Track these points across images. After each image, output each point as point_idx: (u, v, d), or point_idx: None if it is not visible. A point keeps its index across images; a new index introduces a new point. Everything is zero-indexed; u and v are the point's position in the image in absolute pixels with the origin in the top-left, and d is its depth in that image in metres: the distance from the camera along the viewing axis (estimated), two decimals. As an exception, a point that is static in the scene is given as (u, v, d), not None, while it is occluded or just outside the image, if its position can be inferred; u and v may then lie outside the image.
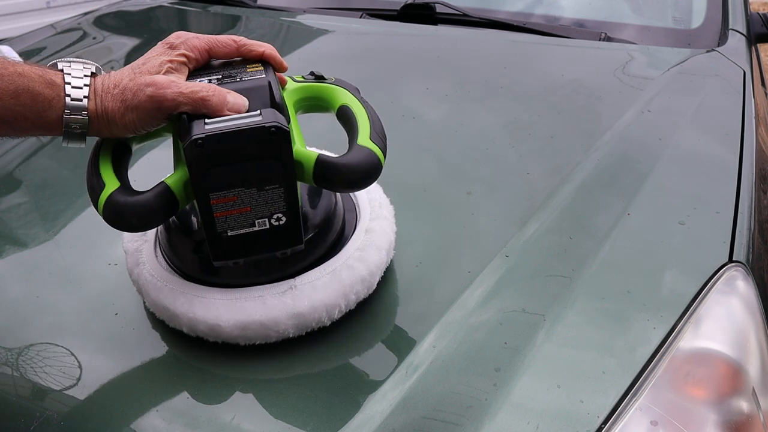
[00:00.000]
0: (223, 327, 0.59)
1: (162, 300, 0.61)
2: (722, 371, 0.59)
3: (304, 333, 0.61)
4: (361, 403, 0.56)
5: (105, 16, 1.69)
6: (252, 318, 0.59)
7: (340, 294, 0.61)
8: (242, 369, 0.60)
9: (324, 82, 0.65)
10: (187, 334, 0.61)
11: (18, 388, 0.60)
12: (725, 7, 1.44)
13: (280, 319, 0.59)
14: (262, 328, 0.59)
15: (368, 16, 1.49)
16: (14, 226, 0.83)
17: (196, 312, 0.59)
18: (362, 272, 0.63)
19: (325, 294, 0.60)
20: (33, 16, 3.76)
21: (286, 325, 0.59)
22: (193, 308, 0.59)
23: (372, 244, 0.65)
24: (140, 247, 0.67)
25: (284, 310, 0.59)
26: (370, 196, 0.72)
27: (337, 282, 0.61)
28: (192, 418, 0.56)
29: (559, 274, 0.67)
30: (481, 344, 0.59)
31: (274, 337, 0.60)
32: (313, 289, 0.60)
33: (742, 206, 0.77)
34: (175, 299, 0.61)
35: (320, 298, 0.60)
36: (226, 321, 0.59)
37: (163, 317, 0.63)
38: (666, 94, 1.06)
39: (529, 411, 0.53)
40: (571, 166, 0.86)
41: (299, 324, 0.60)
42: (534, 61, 1.25)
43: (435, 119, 1.03)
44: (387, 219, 0.69)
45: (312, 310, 0.60)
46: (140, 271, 0.64)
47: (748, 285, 0.66)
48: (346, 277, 0.62)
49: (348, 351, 0.62)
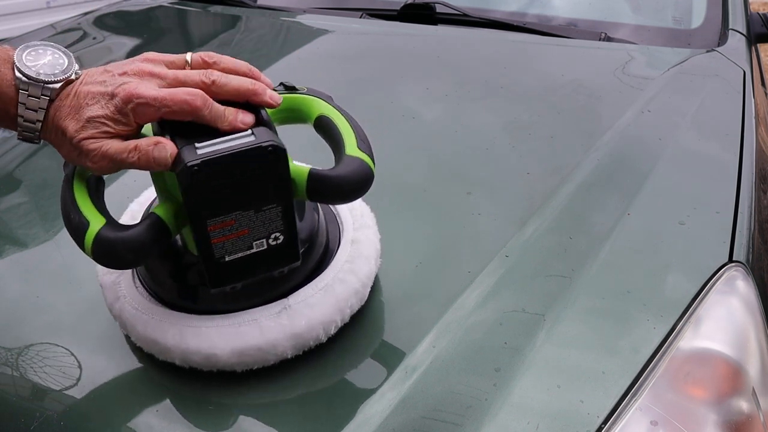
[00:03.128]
0: (219, 356, 0.56)
1: (150, 333, 0.58)
2: (722, 371, 0.59)
3: (302, 352, 0.59)
4: (360, 404, 0.56)
5: (105, 16, 1.69)
6: (249, 343, 0.56)
7: (336, 309, 0.60)
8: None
9: (296, 92, 0.62)
10: (180, 366, 0.59)
11: (18, 388, 0.60)
12: (725, 7, 1.44)
13: (278, 341, 0.57)
14: (260, 353, 0.57)
15: (368, 16, 1.49)
16: (14, 226, 0.83)
17: (189, 343, 0.57)
18: (355, 284, 0.61)
19: (320, 311, 0.59)
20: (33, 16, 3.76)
21: (284, 347, 0.58)
22: (185, 339, 0.57)
23: (360, 254, 0.64)
24: (117, 280, 0.63)
25: (281, 331, 0.57)
26: (350, 206, 0.70)
27: (331, 297, 0.60)
28: (192, 417, 0.56)
29: (559, 274, 0.67)
30: (481, 344, 0.59)
31: (273, 360, 0.58)
32: (309, 307, 0.59)
33: (742, 206, 0.77)
34: (165, 331, 0.57)
35: (316, 315, 0.58)
36: (222, 349, 0.56)
37: (153, 351, 0.59)
38: (666, 94, 1.06)
39: (529, 411, 0.53)
40: (571, 166, 0.86)
41: (297, 344, 0.58)
42: (534, 61, 1.25)
43: (435, 119, 1.03)
44: (371, 227, 0.68)
45: (309, 329, 0.58)
46: (122, 305, 0.61)
47: (748, 285, 0.66)
48: (340, 292, 0.60)
49: (347, 351, 0.62)
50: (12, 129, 0.53)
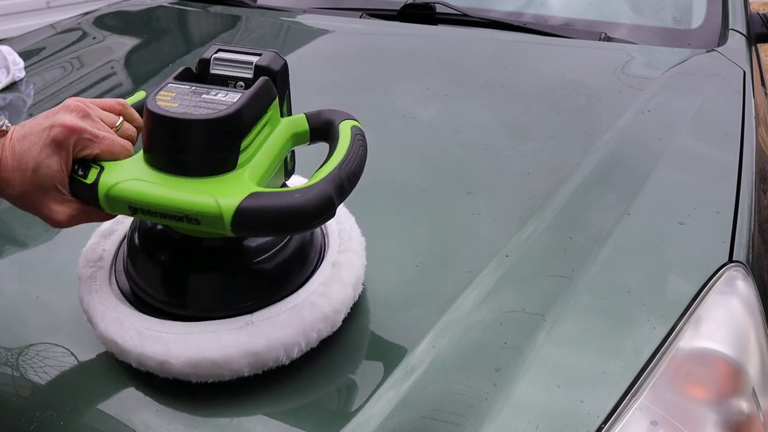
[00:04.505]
0: (173, 364, 0.55)
1: (111, 333, 0.57)
2: (722, 371, 0.59)
3: (261, 372, 0.57)
4: (360, 404, 0.56)
5: (105, 16, 1.69)
6: (203, 355, 0.55)
7: (300, 332, 0.57)
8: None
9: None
10: (137, 368, 0.57)
11: (18, 388, 0.60)
12: (725, 7, 1.44)
13: (233, 357, 0.55)
14: (214, 367, 0.55)
15: (368, 16, 1.49)
16: (14, 226, 0.83)
17: (145, 347, 0.55)
18: (325, 309, 0.59)
19: (283, 332, 0.56)
20: (33, 16, 3.76)
21: (240, 364, 0.55)
22: (142, 343, 0.56)
23: (338, 279, 0.61)
24: (95, 274, 0.63)
25: (238, 348, 0.55)
26: (340, 227, 0.67)
27: (297, 320, 0.57)
28: (192, 417, 0.56)
29: (559, 274, 0.67)
30: (481, 344, 0.59)
31: (228, 376, 0.56)
32: (271, 326, 0.56)
33: (742, 206, 0.77)
34: (124, 333, 0.56)
35: (278, 336, 0.56)
36: (177, 358, 0.55)
37: (112, 350, 0.58)
38: (666, 94, 1.06)
39: (529, 411, 0.53)
40: (571, 166, 0.86)
41: (254, 363, 0.56)
42: (534, 61, 1.25)
43: (435, 119, 1.03)
44: (356, 252, 0.65)
45: (268, 348, 0.56)
46: (91, 299, 0.60)
47: (748, 285, 0.66)
48: (308, 315, 0.58)
49: (347, 351, 0.62)
50: None
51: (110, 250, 0.67)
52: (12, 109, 1.17)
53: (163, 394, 0.58)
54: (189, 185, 0.52)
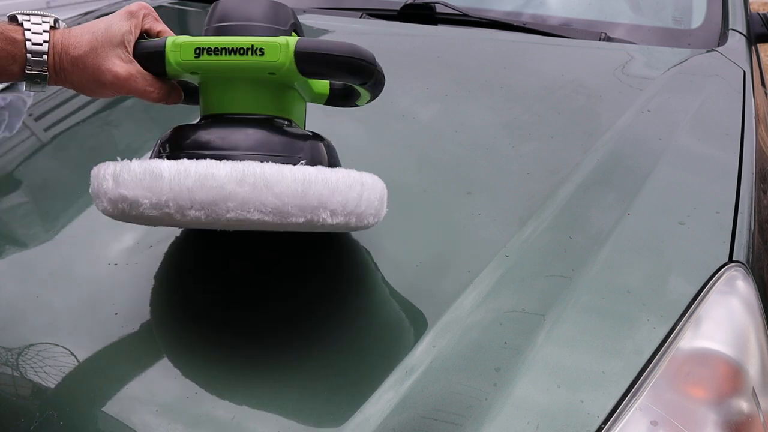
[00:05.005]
0: (216, 175, 0.52)
1: (147, 165, 0.54)
2: (722, 371, 0.59)
3: (303, 220, 0.54)
4: (359, 403, 0.56)
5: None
6: (254, 169, 0.53)
7: (344, 182, 0.56)
8: (241, 370, 0.60)
9: None
10: (165, 204, 0.53)
11: (18, 388, 0.60)
12: (725, 7, 1.44)
13: (284, 177, 0.53)
14: (263, 184, 0.52)
15: (368, 16, 1.49)
16: (14, 226, 0.83)
17: (189, 167, 0.52)
18: (364, 178, 0.59)
19: (330, 173, 0.56)
20: (33, 16, 3.75)
21: (288, 189, 0.53)
22: (183, 164, 0.53)
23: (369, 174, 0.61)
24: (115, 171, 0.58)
25: (290, 171, 0.54)
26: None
27: (340, 172, 0.57)
28: (192, 417, 0.56)
29: (559, 274, 0.67)
30: (481, 344, 0.59)
31: (272, 206, 0.53)
32: (315, 168, 0.56)
33: (742, 206, 0.77)
34: (162, 162, 0.54)
35: (326, 173, 0.55)
36: (222, 168, 0.52)
37: (140, 188, 0.53)
38: (666, 94, 1.06)
39: (529, 411, 0.53)
40: (571, 166, 0.86)
41: (301, 193, 0.53)
42: (534, 61, 1.25)
43: (435, 119, 1.03)
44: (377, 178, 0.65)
45: (317, 180, 0.54)
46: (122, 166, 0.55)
47: (748, 285, 0.66)
48: (350, 173, 0.58)
49: (347, 351, 0.62)
50: (19, 75, 0.58)
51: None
52: (12, 109, 1.17)
53: (162, 394, 0.58)
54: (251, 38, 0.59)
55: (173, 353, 0.63)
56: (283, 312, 0.67)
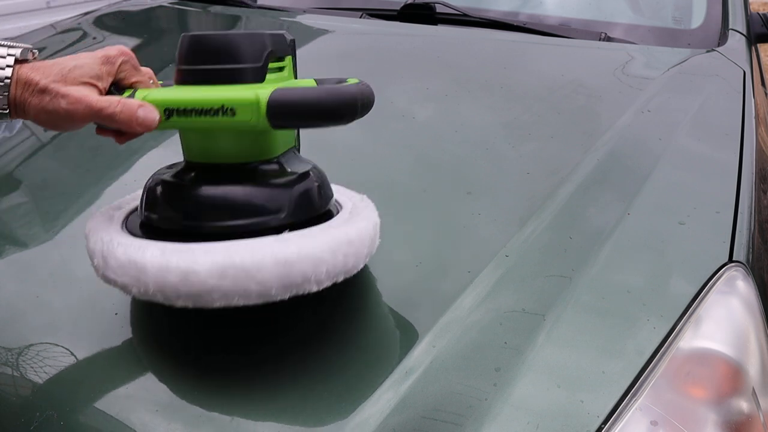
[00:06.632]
0: (198, 272, 0.52)
1: (132, 254, 0.54)
2: (722, 371, 0.59)
3: (288, 296, 0.55)
4: (359, 404, 0.56)
5: (105, 16, 1.69)
6: (233, 260, 0.52)
7: (328, 248, 0.56)
8: (241, 370, 0.60)
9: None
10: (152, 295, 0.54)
11: (18, 388, 0.60)
12: (725, 7, 1.44)
13: (265, 264, 0.53)
14: (244, 275, 0.53)
15: (368, 16, 1.49)
16: (14, 226, 0.83)
17: (170, 259, 0.53)
18: (351, 233, 0.59)
19: (312, 244, 0.56)
20: (33, 16, 3.75)
21: (270, 275, 0.53)
22: (165, 256, 0.53)
23: (359, 215, 0.63)
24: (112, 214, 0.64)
25: (270, 253, 0.53)
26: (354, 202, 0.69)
27: (326, 236, 0.57)
28: (192, 417, 0.56)
29: (559, 274, 0.67)
30: (481, 344, 0.59)
31: (255, 292, 0.54)
32: (302, 238, 0.56)
33: (742, 206, 0.77)
34: (146, 250, 0.54)
35: (308, 247, 0.55)
36: (203, 263, 0.52)
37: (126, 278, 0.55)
38: (666, 94, 1.06)
39: (529, 411, 0.53)
40: (571, 166, 0.86)
41: (284, 275, 0.54)
42: (534, 61, 1.25)
43: (435, 119, 1.03)
44: (371, 208, 0.68)
45: (299, 259, 0.54)
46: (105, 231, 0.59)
47: (748, 285, 0.66)
48: (335, 234, 0.58)
49: (347, 351, 0.62)
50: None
51: (128, 204, 0.69)
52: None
53: (162, 394, 0.58)
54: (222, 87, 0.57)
55: (173, 353, 0.63)
56: (283, 312, 0.67)
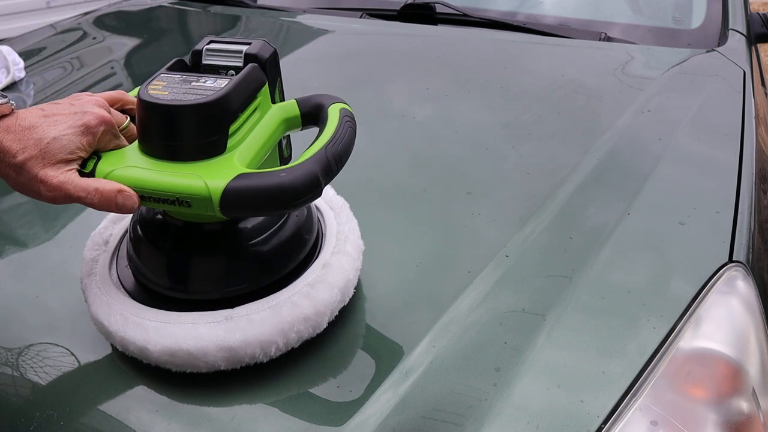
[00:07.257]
0: (150, 351, 0.56)
1: (99, 315, 0.60)
2: (722, 371, 0.59)
3: (238, 367, 0.58)
4: (359, 404, 0.56)
5: (105, 16, 1.69)
6: (180, 345, 0.56)
7: (278, 331, 0.57)
8: (241, 370, 0.60)
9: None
10: (122, 351, 0.60)
11: (18, 388, 0.60)
12: (725, 7, 1.44)
13: (208, 350, 0.56)
14: (190, 357, 0.56)
15: (368, 16, 1.49)
16: (14, 226, 0.83)
17: (128, 332, 0.58)
18: (306, 311, 0.58)
19: (260, 330, 0.57)
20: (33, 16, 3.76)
21: (215, 357, 0.56)
22: (125, 327, 0.58)
23: (325, 281, 0.60)
24: (97, 257, 0.66)
25: (214, 341, 0.56)
26: (339, 229, 0.67)
27: (276, 318, 0.57)
28: (192, 417, 0.56)
29: (559, 274, 0.67)
30: (481, 344, 0.59)
31: (204, 368, 0.57)
32: (249, 323, 0.57)
33: (742, 206, 0.77)
34: (111, 316, 0.59)
35: (255, 333, 0.56)
36: (155, 345, 0.56)
37: (101, 332, 0.61)
38: (666, 94, 1.06)
39: (529, 411, 0.53)
40: (570, 166, 0.86)
41: (229, 358, 0.57)
42: (534, 61, 1.25)
43: (435, 119, 1.03)
44: (350, 255, 0.64)
45: (244, 344, 0.56)
46: (89, 281, 0.63)
47: (748, 285, 0.66)
48: (287, 314, 0.58)
49: (347, 351, 0.62)
50: None
51: (117, 235, 0.70)
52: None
53: (162, 393, 0.58)
54: (180, 169, 0.53)
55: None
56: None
